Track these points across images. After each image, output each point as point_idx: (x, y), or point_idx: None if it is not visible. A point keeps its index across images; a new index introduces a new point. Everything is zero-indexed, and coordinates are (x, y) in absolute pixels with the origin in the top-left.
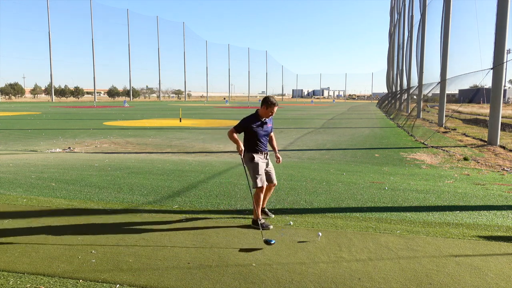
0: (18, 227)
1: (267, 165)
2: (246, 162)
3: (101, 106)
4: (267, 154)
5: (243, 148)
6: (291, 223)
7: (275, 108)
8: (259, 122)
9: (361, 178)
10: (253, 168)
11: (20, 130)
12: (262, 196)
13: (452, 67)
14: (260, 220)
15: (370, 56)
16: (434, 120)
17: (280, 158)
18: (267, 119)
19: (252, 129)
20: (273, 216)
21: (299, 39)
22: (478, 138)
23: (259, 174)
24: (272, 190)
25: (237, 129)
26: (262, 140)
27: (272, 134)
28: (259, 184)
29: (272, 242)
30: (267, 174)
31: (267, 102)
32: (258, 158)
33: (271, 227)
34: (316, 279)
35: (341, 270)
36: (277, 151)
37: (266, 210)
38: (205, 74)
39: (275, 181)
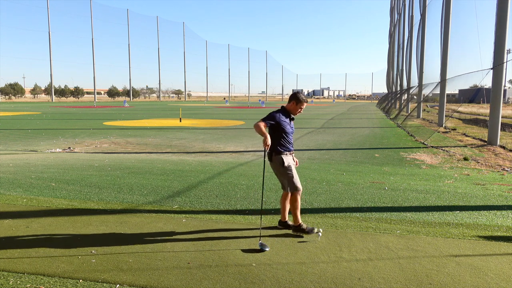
0: (18, 227)
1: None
2: (275, 165)
3: (101, 106)
4: (293, 155)
5: (270, 143)
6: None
7: (305, 105)
8: (288, 118)
9: (361, 178)
10: (287, 172)
11: (20, 130)
12: (299, 198)
13: (452, 67)
14: (302, 225)
15: (370, 56)
16: (434, 120)
17: (297, 161)
18: (294, 116)
19: (281, 124)
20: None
21: (299, 39)
22: (478, 138)
23: (294, 177)
24: (289, 198)
25: (266, 121)
26: (289, 138)
27: None
28: (299, 187)
29: (266, 249)
30: None
31: (298, 98)
32: (289, 160)
33: (316, 230)
34: (316, 279)
35: (341, 270)
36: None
37: (290, 223)
38: (205, 74)
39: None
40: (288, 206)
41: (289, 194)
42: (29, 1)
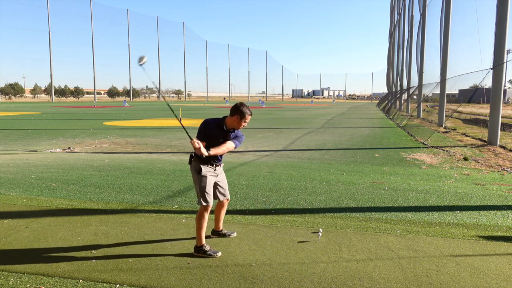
0: (18, 227)
1: (218, 178)
2: (192, 170)
3: (101, 106)
4: (218, 166)
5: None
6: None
7: (249, 119)
8: (223, 132)
9: (361, 178)
10: (201, 182)
11: (20, 130)
12: (207, 216)
13: (452, 67)
14: (205, 246)
15: (370, 56)
16: (434, 120)
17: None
18: (232, 130)
19: (213, 136)
20: (235, 234)
21: (299, 39)
22: (478, 138)
23: (206, 190)
24: (225, 207)
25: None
26: None
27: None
28: (209, 201)
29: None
30: (217, 189)
31: (242, 113)
32: (206, 170)
33: (219, 254)
34: (316, 279)
35: (341, 270)
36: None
37: (225, 231)
38: (205, 74)
39: (228, 196)
40: (221, 215)
41: (225, 202)
42: (29, 1)
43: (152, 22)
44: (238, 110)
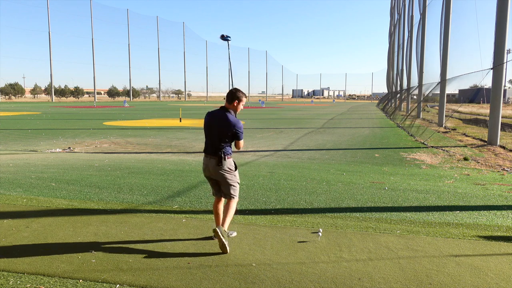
0: (18, 227)
1: None
2: (230, 169)
3: (101, 106)
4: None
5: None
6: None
7: (244, 101)
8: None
9: (361, 178)
10: (237, 176)
11: (20, 130)
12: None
13: (452, 67)
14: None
15: (370, 56)
16: (434, 120)
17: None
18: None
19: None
20: (235, 234)
21: (299, 39)
22: (478, 138)
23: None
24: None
25: None
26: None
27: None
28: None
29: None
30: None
31: (239, 98)
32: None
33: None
34: (316, 279)
35: (341, 270)
36: None
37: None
38: (205, 74)
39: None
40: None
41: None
42: (29, 1)
43: (152, 22)
44: (235, 97)
